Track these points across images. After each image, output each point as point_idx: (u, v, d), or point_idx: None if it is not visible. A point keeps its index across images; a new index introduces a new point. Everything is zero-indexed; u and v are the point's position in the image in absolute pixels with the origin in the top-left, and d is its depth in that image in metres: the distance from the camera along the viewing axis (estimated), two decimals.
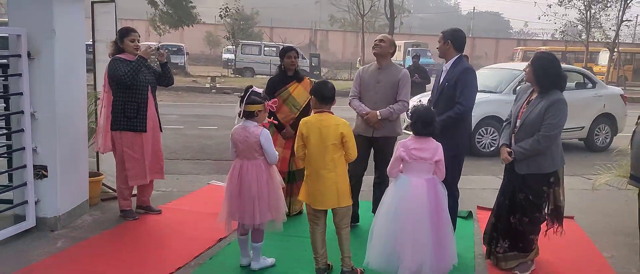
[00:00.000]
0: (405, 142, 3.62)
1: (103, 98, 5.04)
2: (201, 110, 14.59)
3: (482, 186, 6.79)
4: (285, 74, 5.19)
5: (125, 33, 4.93)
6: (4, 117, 4.64)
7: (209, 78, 22.50)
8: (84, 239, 4.57)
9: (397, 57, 33.73)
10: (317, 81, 4.70)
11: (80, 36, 5.00)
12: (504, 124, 4.34)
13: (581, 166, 8.16)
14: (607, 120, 10.29)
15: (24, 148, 4.53)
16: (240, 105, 3.85)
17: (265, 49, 30.17)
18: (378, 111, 4.72)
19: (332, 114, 3.80)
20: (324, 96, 3.80)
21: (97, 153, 5.73)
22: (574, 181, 7.05)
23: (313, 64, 28.26)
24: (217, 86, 20.93)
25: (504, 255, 4.17)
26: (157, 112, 5.14)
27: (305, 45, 44.74)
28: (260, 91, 3.95)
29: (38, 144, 4.60)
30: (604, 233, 5.24)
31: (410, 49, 33.78)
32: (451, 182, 4.25)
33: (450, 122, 4.27)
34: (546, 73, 3.92)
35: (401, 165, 3.65)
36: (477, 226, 5.25)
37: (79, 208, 5.09)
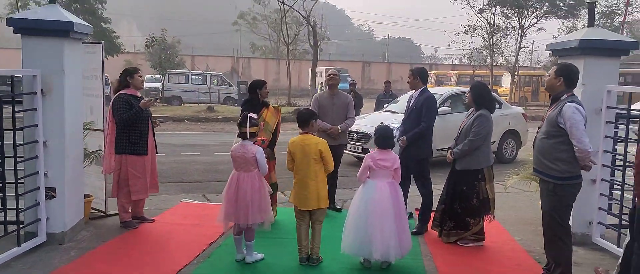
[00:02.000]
0: (372, 154, 4.75)
1: (108, 126, 5.84)
2: None
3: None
4: (257, 103, 6.18)
5: (134, 70, 5.88)
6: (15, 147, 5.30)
7: None
8: (93, 249, 5.31)
9: (320, 83, 35.37)
10: (276, 106, 6.19)
11: (80, 73, 5.77)
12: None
13: (496, 174, 9.62)
14: (513, 136, 11.99)
15: (37, 173, 5.22)
16: (241, 127, 4.81)
17: (193, 77, 30.63)
18: (338, 126, 6.52)
19: (313, 135, 4.85)
20: (302, 121, 4.87)
21: None
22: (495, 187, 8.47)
23: (241, 92, 29.02)
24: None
25: (448, 232, 5.59)
26: (154, 137, 6.05)
27: (227, 73, 45.42)
28: (255, 116, 4.94)
29: (49, 168, 5.30)
30: (514, 223, 6.61)
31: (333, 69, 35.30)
32: (423, 181, 5.98)
33: (417, 136, 5.96)
34: (479, 97, 5.45)
35: (368, 172, 4.75)
36: (415, 223, 6.43)
37: (78, 224, 5.79)
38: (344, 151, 7.54)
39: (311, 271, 4.87)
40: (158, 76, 29.90)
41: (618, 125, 5.65)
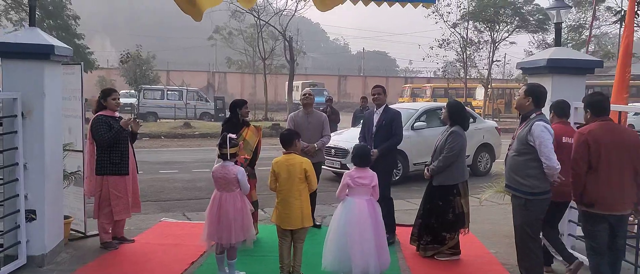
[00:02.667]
0: (350, 173, 4.87)
1: (87, 148, 5.86)
2: None
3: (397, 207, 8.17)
4: (237, 122, 6.26)
5: (108, 93, 5.89)
6: None
7: None
8: (73, 271, 5.31)
9: (296, 97, 35.54)
10: (256, 126, 6.31)
11: (60, 95, 5.80)
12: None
13: (470, 187, 9.83)
14: (487, 149, 12.28)
15: (17, 195, 5.22)
16: (221, 149, 4.90)
17: (169, 93, 30.49)
18: (315, 144, 6.68)
19: (297, 154, 4.96)
20: (284, 141, 4.99)
21: None
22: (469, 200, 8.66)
23: (218, 107, 29.00)
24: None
25: (425, 246, 5.75)
26: (135, 157, 6.09)
27: (203, 87, 45.32)
28: (234, 136, 5.04)
29: (29, 190, 5.31)
30: (489, 236, 6.79)
31: (307, 88, 35.56)
32: (385, 193, 5.96)
33: (391, 147, 6.33)
34: (453, 114, 5.69)
35: (347, 190, 4.88)
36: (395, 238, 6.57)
37: (58, 246, 5.78)
38: (322, 166, 7.72)
39: None
40: (133, 91, 29.70)
41: None
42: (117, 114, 6.17)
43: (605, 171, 4.25)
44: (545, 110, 4.97)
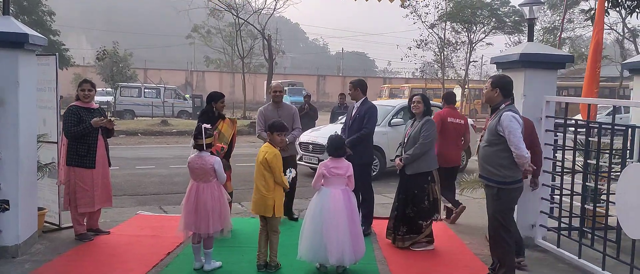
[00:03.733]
0: (326, 163, 4.93)
1: (61, 137, 5.83)
2: None
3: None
4: (213, 115, 6.27)
5: (79, 83, 5.83)
6: None
7: None
8: (48, 261, 5.27)
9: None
10: (232, 118, 6.40)
11: (35, 85, 5.74)
12: (398, 147, 6.12)
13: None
14: None
15: None
16: (196, 139, 4.91)
17: (146, 90, 30.21)
18: (286, 137, 6.11)
19: (273, 146, 4.99)
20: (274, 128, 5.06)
21: None
22: None
23: (196, 105, 28.84)
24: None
25: (402, 237, 5.81)
26: (108, 150, 6.04)
27: (181, 86, 44.99)
28: (209, 126, 5.05)
29: (2, 180, 5.25)
30: (464, 228, 6.91)
31: (286, 87, 35.62)
32: (365, 188, 6.15)
33: (358, 140, 6.20)
34: (428, 105, 5.93)
35: (322, 180, 4.93)
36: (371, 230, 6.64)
37: (32, 237, 5.72)
38: (298, 162, 7.67)
39: None
40: (110, 89, 29.37)
41: (557, 133, 6.03)
42: (95, 105, 6.12)
43: None
44: (519, 103, 5.07)
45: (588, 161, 5.65)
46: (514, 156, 4.47)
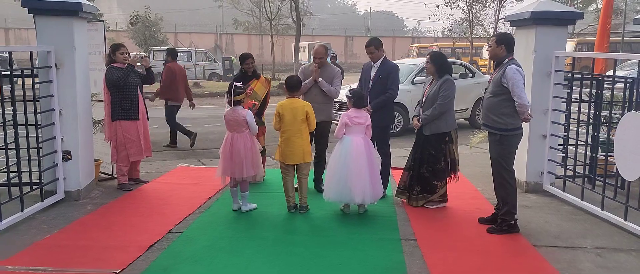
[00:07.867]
0: (348, 113, 5.51)
1: (104, 97, 6.51)
2: None
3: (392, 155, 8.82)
4: (246, 74, 6.85)
5: (116, 48, 6.54)
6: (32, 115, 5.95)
7: None
8: (106, 203, 6.03)
9: (303, 58, 35.94)
10: (267, 78, 6.83)
11: (87, 49, 6.41)
12: (416, 105, 6.28)
13: (466, 138, 10.42)
14: None
15: (54, 137, 5.89)
16: (228, 96, 5.53)
17: (178, 54, 30.86)
18: (320, 78, 6.39)
19: (299, 99, 5.59)
20: (290, 86, 5.61)
21: None
22: (461, 148, 9.26)
23: (226, 67, 29.52)
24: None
25: (416, 196, 5.98)
26: (145, 105, 6.75)
27: (211, 49, 45.70)
28: (240, 84, 5.65)
29: (64, 134, 5.98)
30: (478, 177, 7.42)
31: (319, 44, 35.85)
32: (384, 148, 6.28)
33: (383, 103, 6.08)
34: (441, 65, 5.77)
35: (344, 129, 5.51)
36: (392, 180, 7.21)
37: (90, 184, 6.50)
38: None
39: (298, 217, 5.66)
40: (143, 53, 30.20)
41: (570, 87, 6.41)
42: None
43: None
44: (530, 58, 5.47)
45: (597, 113, 6.08)
46: (516, 105, 4.94)
